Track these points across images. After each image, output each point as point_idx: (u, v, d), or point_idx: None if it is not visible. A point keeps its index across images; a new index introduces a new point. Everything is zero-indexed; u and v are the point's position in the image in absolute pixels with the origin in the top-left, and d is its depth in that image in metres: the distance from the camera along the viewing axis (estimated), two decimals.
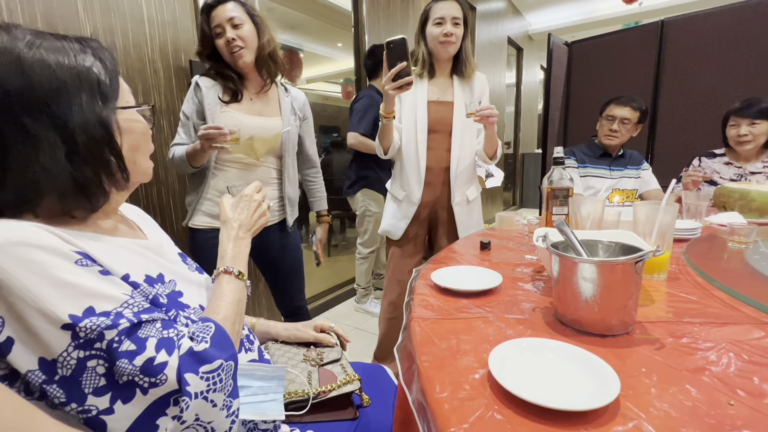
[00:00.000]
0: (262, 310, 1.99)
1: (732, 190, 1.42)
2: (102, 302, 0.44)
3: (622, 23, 4.38)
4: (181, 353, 0.46)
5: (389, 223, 1.55)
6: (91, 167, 0.48)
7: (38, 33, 0.48)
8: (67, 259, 0.44)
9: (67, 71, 0.47)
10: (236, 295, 0.61)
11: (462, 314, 0.66)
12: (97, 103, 0.49)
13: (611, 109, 1.82)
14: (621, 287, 0.55)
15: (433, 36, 1.35)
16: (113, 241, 0.53)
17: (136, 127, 0.55)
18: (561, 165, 1.05)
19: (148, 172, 0.59)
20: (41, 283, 0.41)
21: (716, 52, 2.51)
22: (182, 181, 1.58)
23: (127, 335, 0.44)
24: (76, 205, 0.49)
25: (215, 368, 0.48)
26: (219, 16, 1.13)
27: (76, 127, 0.46)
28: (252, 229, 0.69)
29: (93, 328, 0.42)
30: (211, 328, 0.51)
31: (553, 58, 2.98)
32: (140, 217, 0.69)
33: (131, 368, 0.43)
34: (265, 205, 0.73)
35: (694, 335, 0.56)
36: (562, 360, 0.49)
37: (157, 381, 0.44)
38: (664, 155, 2.79)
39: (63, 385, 0.42)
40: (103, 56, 0.52)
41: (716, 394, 0.43)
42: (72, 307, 0.41)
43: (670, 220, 0.77)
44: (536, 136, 6.93)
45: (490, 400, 0.43)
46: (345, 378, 0.73)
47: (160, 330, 0.47)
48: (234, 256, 0.65)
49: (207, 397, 0.46)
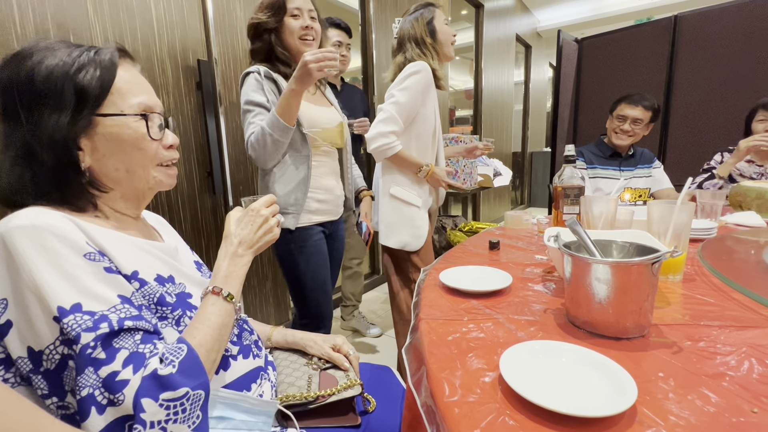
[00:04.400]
0: (270, 309, 1.99)
1: (749, 188, 1.39)
2: (92, 301, 0.44)
3: (633, 19, 4.30)
4: (145, 374, 0.43)
5: (411, 234, 1.39)
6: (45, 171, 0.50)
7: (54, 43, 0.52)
8: (78, 251, 0.45)
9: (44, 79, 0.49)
10: (220, 320, 0.54)
11: (471, 315, 0.65)
12: (64, 112, 0.49)
13: (622, 109, 1.78)
14: (636, 289, 0.53)
15: (449, 34, 1.37)
16: (131, 240, 0.55)
17: (123, 134, 0.53)
18: (572, 163, 1.03)
19: (157, 180, 0.58)
20: (45, 270, 0.43)
21: (731, 47, 2.45)
22: (191, 182, 1.58)
23: (102, 342, 0.43)
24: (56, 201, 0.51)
25: (179, 396, 0.43)
26: (301, 0, 1.14)
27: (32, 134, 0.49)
28: (255, 246, 0.63)
29: (74, 327, 0.42)
30: (183, 351, 0.47)
31: (562, 55, 2.93)
32: (161, 224, 0.71)
33: (94, 379, 0.41)
34: (274, 221, 0.66)
35: (713, 339, 0.54)
36: (576, 363, 0.47)
37: (114, 400, 0.41)
38: (677, 153, 2.73)
39: (46, 377, 0.43)
40: (102, 62, 0.52)
41: (738, 400, 0.41)
42: (63, 299, 0.42)
43: (686, 219, 0.75)
44: (545, 134, 6.86)
45: (502, 404, 0.42)
46: (346, 382, 0.70)
47: (137, 342, 0.45)
48: (227, 275, 0.59)
49: (165, 428, 0.42)
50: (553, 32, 5.87)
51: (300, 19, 1.14)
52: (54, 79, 0.49)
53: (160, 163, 0.59)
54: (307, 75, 1.00)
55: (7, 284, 0.43)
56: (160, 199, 1.49)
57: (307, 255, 1.20)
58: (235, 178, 1.75)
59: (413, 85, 1.27)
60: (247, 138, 1.11)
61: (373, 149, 1.30)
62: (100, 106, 0.51)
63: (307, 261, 1.20)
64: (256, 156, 1.11)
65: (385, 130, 1.27)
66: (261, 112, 1.12)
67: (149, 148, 0.56)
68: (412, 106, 1.29)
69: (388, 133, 1.27)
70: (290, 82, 1.02)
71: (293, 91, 1.02)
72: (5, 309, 0.43)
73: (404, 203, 1.39)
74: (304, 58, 0.98)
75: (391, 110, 1.27)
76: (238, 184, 1.77)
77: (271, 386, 0.67)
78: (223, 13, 1.66)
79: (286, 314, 2.09)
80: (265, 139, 1.07)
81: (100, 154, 0.53)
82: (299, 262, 1.20)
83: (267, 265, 1.96)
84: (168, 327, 0.53)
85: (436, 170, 1.36)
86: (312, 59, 0.98)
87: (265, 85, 1.12)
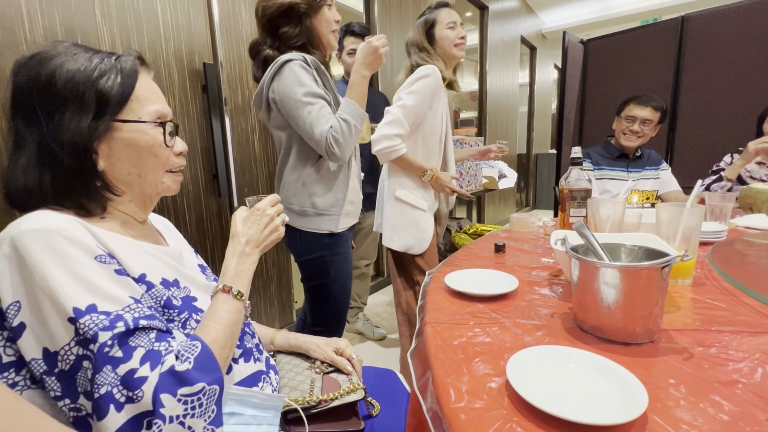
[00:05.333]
0: (274, 311, 2.00)
1: (759, 191, 1.37)
2: (106, 302, 0.45)
3: (640, 20, 4.27)
4: (162, 370, 0.44)
5: (415, 237, 1.38)
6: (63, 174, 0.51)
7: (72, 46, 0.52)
8: (89, 253, 0.46)
9: (65, 82, 0.49)
10: (231, 317, 0.56)
11: (477, 319, 0.64)
12: (85, 116, 0.50)
13: (631, 110, 1.77)
14: (646, 293, 0.52)
15: (450, 39, 1.35)
16: (137, 244, 0.56)
17: (140, 140, 0.55)
18: (579, 166, 1.02)
19: (165, 185, 0.60)
20: (57, 272, 0.43)
21: (739, 48, 2.43)
22: (197, 184, 1.59)
23: (119, 341, 0.43)
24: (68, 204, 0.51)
25: (196, 392, 0.45)
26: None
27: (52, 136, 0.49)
28: (261, 245, 0.65)
29: (91, 326, 0.42)
30: (197, 348, 0.48)
31: (568, 56, 2.92)
32: (166, 227, 0.72)
33: (112, 377, 0.42)
34: (279, 219, 0.68)
35: (725, 345, 0.53)
36: (584, 369, 0.47)
37: (133, 396, 0.42)
38: (684, 155, 2.70)
39: (61, 379, 0.44)
40: (123, 69, 0.54)
41: (752, 409, 0.40)
42: (78, 300, 0.43)
43: (695, 222, 0.74)
44: (550, 136, 6.82)
45: (509, 411, 0.41)
46: (349, 387, 0.70)
47: (152, 341, 0.46)
48: (236, 274, 0.60)
49: (184, 423, 0.43)
50: (558, 34, 5.86)
51: (332, 9, 1.11)
52: (76, 83, 0.50)
53: (170, 170, 0.60)
54: (378, 59, 1.03)
55: (19, 287, 0.43)
56: (166, 201, 1.50)
57: (338, 263, 1.15)
58: (240, 181, 1.75)
59: (421, 89, 1.27)
60: (326, 131, 1.00)
61: (378, 151, 1.29)
62: (120, 112, 0.53)
63: (338, 269, 1.16)
64: (340, 150, 1.01)
65: (391, 132, 1.27)
66: (325, 105, 1.03)
67: (162, 155, 0.58)
68: (419, 109, 1.29)
69: (393, 135, 1.27)
70: (358, 69, 1.03)
71: (364, 77, 1.04)
72: (18, 311, 0.43)
73: (409, 206, 1.38)
74: (372, 42, 1.00)
75: (398, 113, 1.27)
76: (243, 187, 1.77)
77: (273, 390, 0.66)
78: (228, 16, 1.67)
79: (290, 316, 2.09)
80: (350, 130, 1.01)
81: (115, 158, 0.54)
82: (330, 270, 1.15)
83: (271, 267, 1.96)
84: (175, 329, 0.53)
85: (440, 175, 1.35)
86: (380, 44, 1.00)
87: (315, 75, 1.04)
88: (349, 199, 1.15)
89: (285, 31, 1.06)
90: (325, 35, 1.10)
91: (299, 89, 1.00)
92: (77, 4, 1.22)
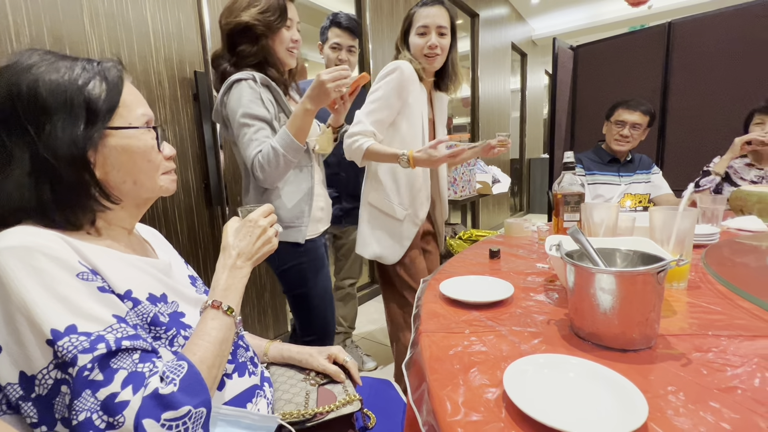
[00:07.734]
0: (268, 321, 1.97)
1: (749, 193, 1.38)
2: (87, 322, 0.43)
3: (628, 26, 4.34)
4: (146, 394, 0.42)
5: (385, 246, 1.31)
6: (61, 187, 0.48)
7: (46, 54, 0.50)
8: (70, 271, 0.44)
9: (50, 92, 0.47)
10: (221, 334, 0.53)
11: (473, 328, 0.63)
12: (77, 125, 0.48)
13: (620, 114, 1.78)
14: (642, 299, 0.52)
15: (418, 47, 1.24)
16: (124, 257, 0.54)
17: (133, 146, 0.53)
18: (571, 170, 1.02)
19: (163, 188, 0.59)
20: (35, 291, 0.41)
21: (726, 53, 2.47)
22: (188, 193, 1.57)
23: (100, 363, 0.41)
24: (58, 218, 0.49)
25: (181, 416, 0.43)
26: (292, 11, 1.12)
27: (47, 149, 0.47)
28: (253, 258, 0.62)
29: (70, 349, 0.40)
30: (183, 369, 0.46)
31: (558, 62, 2.95)
32: (155, 237, 0.70)
33: (92, 402, 0.40)
34: (272, 231, 0.65)
35: (722, 349, 0.52)
36: (583, 378, 0.46)
37: (114, 422, 0.40)
38: (674, 159, 2.74)
39: (37, 404, 0.42)
40: (108, 75, 0.52)
41: (753, 416, 0.39)
42: (56, 321, 0.41)
43: (689, 225, 0.74)
44: (542, 140, 6.88)
45: (507, 423, 0.40)
46: (345, 398, 0.68)
47: (135, 362, 0.44)
48: (226, 288, 0.58)
49: None
50: (548, 40, 5.94)
51: (291, 30, 1.12)
52: (62, 92, 0.48)
53: (164, 172, 0.59)
54: (324, 95, 0.98)
55: None
56: (157, 210, 1.48)
57: (315, 269, 1.17)
58: (232, 190, 1.74)
59: (383, 85, 1.23)
60: (253, 156, 1.02)
61: (345, 150, 1.25)
62: (111, 119, 0.51)
63: (316, 274, 1.17)
64: (264, 177, 1.03)
65: (352, 131, 1.23)
66: (263, 128, 1.04)
67: (156, 159, 0.57)
68: (386, 104, 1.23)
69: (353, 133, 1.22)
70: (304, 101, 0.99)
71: (308, 111, 1.00)
72: None
73: (381, 213, 1.31)
74: (321, 77, 0.96)
75: (361, 114, 1.24)
76: (235, 196, 1.76)
77: (267, 404, 0.65)
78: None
79: (284, 326, 2.06)
80: (277, 159, 1.00)
81: (109, 167, 0.52)
82: (309, 277, 1.16)
83: (265, 276, 1.94)
84: (162, 347, 0.51)
85: (416, 154, 1.14)
86: (329, 78, 0.96)
87: (263, 95, 1.05)
88: (317, 206, 1.17)
89: (242, 49, 1.09)
90: (281, 54, 1.12)
91: (239, 110, 1.02)
92: (65, 12, 1.20)
